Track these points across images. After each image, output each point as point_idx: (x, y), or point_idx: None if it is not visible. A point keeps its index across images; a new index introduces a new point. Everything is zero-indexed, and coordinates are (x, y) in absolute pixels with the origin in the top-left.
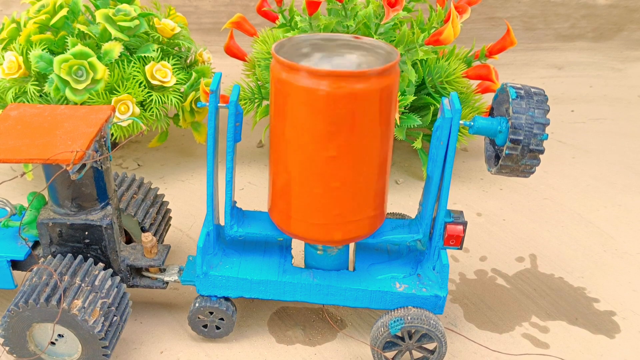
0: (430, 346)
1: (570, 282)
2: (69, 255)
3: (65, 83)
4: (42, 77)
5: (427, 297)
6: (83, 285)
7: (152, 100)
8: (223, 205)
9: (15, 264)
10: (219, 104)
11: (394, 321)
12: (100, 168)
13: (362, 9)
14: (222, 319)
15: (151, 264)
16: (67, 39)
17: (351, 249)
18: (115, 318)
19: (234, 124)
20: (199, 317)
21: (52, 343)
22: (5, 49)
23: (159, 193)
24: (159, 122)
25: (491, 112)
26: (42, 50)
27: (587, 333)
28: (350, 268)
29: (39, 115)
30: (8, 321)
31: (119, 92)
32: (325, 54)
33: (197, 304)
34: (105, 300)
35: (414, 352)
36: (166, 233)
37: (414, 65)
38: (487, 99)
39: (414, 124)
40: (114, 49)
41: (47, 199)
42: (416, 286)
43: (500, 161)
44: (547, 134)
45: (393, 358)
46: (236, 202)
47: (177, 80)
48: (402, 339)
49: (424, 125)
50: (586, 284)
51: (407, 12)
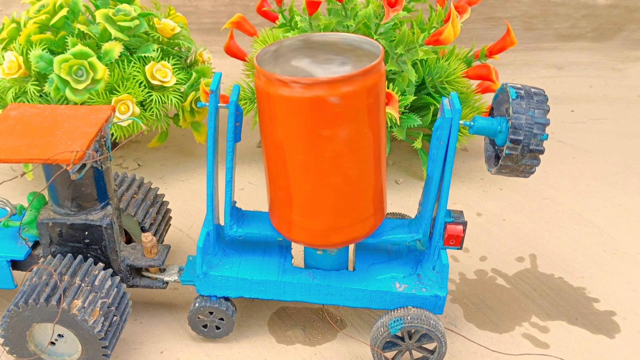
0: (430, 346)
1: (570, 282)
2: (69, 255)
3: (65, 83)
4: (42, 77)
5: (427, 297)
6: (83, 285)
7: (152, 100)
8: (223, 205)
9: (15, 264)
10: (219, 104)
11: (394, 321)
12: (100, 168)
13: (362, 9)
14: (222, 319)
15: (151, 264)
16: (67, 39)
17: (351, 249)
18: (115, 318)
19: (234, 124)
20: (199, 317)
21: (52, 343)
22: (5, 49)
23: (159, 193)
24: (159, 122)
25: (491, 112)
26: (42, 50)
27: (587, 333)
28: (350, 268)
29: (39, 115)
30: (8, 321)
31: (119, 92)
32: (312, 59)
33: (197, 304)
34: (105, 300)
35: (413, 352)
36: (166, 233)
37: (414, 65)
38: (487, 99)
39: (414, 124)
40: (114, 49)
41: (47, 199)
42: (416, 286)
43: (500, 161)
44: (547, 134)
45: (393, 358)
46: (236, 202)
47: (177, 80)
48: (402, 339)
49: (424, 125)
50: (586, 284)
51: (407, 12)
